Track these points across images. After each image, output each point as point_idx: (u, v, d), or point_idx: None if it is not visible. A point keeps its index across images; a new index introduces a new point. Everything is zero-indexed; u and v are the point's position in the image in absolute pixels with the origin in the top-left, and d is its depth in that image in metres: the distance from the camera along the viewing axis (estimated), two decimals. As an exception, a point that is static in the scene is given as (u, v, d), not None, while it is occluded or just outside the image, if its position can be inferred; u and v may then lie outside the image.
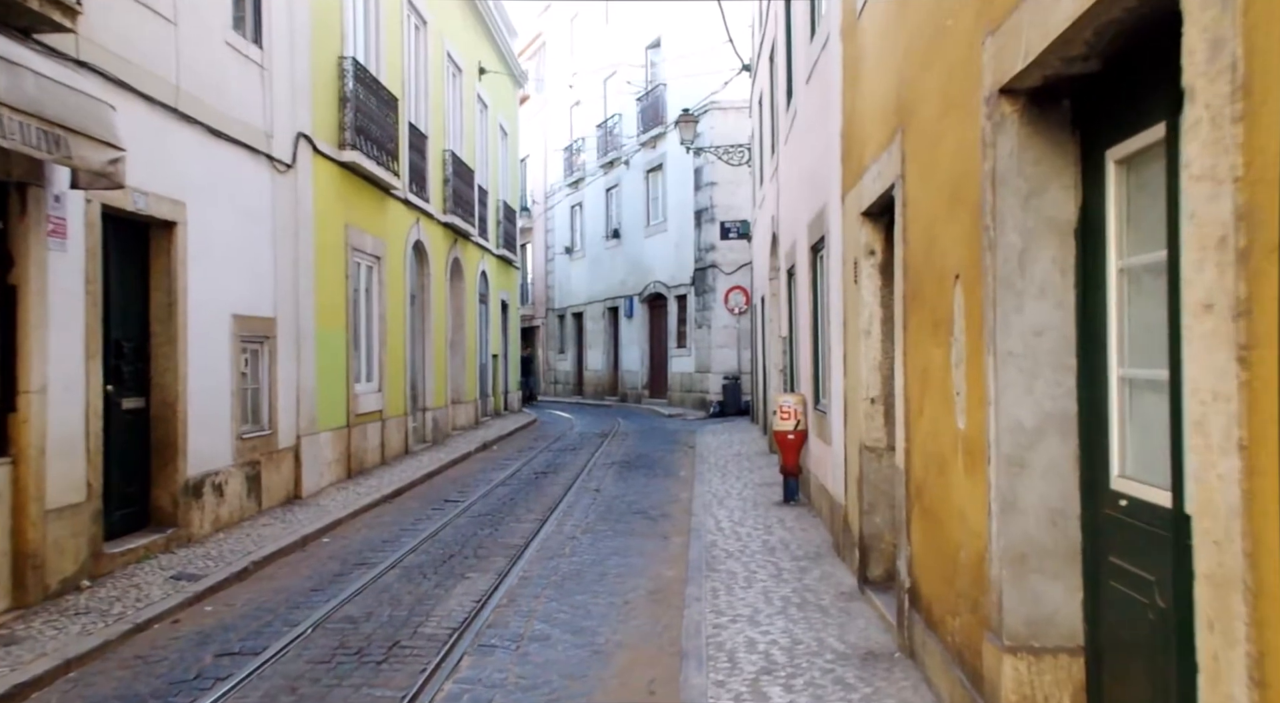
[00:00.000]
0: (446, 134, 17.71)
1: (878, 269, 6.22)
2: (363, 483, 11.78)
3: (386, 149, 13.43)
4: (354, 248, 12.43)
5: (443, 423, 17.09)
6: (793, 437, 9.78)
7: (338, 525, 9.44)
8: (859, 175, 6.30)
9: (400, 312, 14.66)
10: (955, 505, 4.01)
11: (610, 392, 31.20)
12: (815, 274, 9.25)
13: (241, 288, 9.23)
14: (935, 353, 4.32)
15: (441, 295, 17.36)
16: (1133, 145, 2.99)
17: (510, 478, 12.97)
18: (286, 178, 10.25)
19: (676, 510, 10.28)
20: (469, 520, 9.76)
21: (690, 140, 20.21)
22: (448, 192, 17.41)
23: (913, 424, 4.80)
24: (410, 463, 13.80)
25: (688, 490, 11.59)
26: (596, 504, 10.70)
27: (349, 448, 12.07)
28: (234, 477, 8.95)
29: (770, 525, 8.88)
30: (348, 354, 12.11)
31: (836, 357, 7.49)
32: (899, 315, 5.05)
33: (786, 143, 11.94)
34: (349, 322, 12.18)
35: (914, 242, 4.74)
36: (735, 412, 22.68)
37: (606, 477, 12.99)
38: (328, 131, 11.54)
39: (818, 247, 8.95)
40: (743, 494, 10.81)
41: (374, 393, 13.25)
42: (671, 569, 7.53)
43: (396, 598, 6.74)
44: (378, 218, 13.49)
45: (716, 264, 23.91)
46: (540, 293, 37.37)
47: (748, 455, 14.57)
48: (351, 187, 12.38)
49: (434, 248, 16.69)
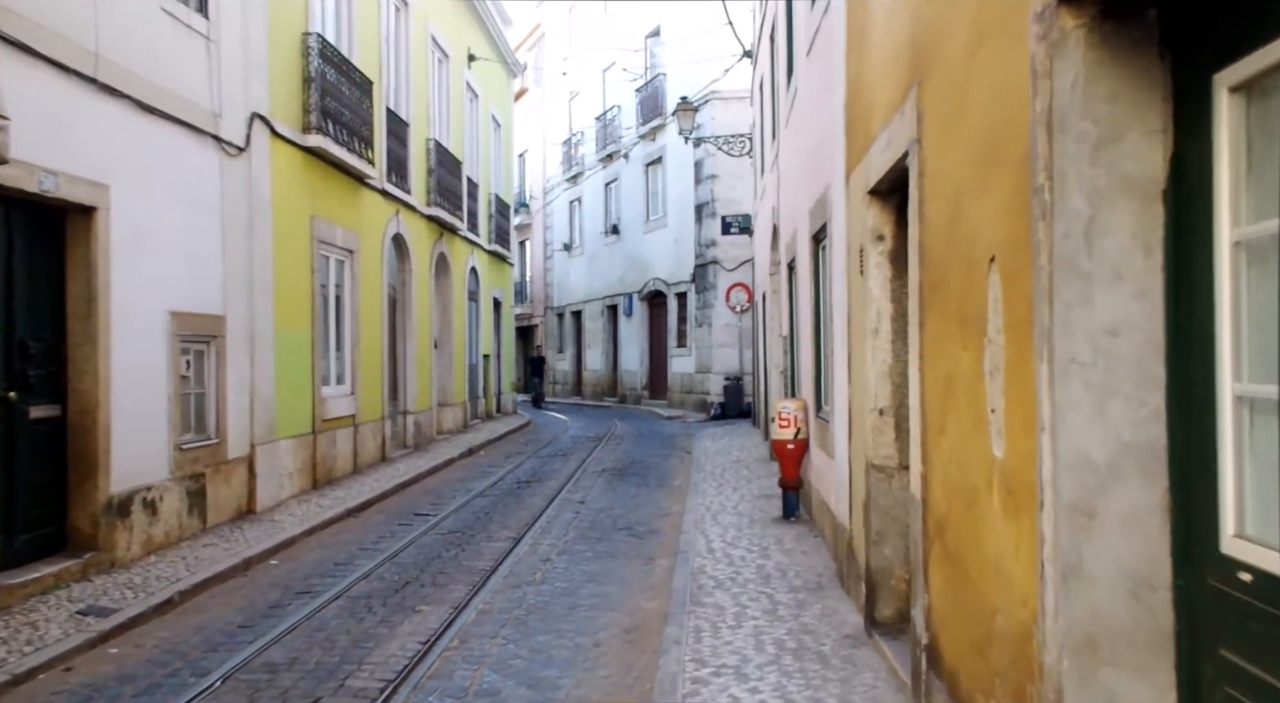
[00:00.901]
0: (431, 122, 16.82)
1: (888, 257, 5.30)
2: (329, 495, 10.90)
3: (360, 135, 12.55)
4: (321, 240, 11.54)
5: (426, 427, 16.21)
6: (792, 447, 8.86)
7: (290, 545, 8.56)
8: (865, 148, 5.38)
9: (377, 309, 13.77)
10: (989, 555, 3.10)
11: (609, 392, 30.30)
12: (817, 266, 8.34)
13: (183, 282, 8.35)
14: (962, 358, 3.41)
15: (425, 292, 16.48)
16: (1256, 64, 2.08)
17: (491, 488, 12.07)
18: (238, 162, 9.36)
19: (666, 526, 9.38)
20: (436, 539, 8.87)
21: (689, 130, 19.29)
22: (431, 183, 16.52)
23: (932, 444, 3.89)
24: (386, 471, 12.92)
25: (680, 503, 10.68)
26: (579, 519, 9.80)
27: (314, 456, 11.19)
28: (171, 492, 8.07)
29: (766, 547, 7.97)
30: (313, 355, 11.22)
31: (840, 359, 6.58)
32: (914, 311, 4.14)
33: (787, 126, 11.03)
34: (315, 320, 11.30)
35: (933, 219, 3.83)
36: (736, 414, 21.76)
37: (594, 487, 12.09)
38: (289, 114, 10.65)
39: (819, 236, 8.03)
40: (738, 508, 9.90)
41: (345, 396, 12.37)
42: (652, 600, 6.62)
43: (331, 639, 5.85)
44: (350, 209, 12.61)
45: (718, 260, 22.99)
46: (539, 291, 36.50)
47: (747, 463, 13.66)
48: (318, 174, 11.49)
49: (416, 242, 15.81)
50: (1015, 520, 2.81)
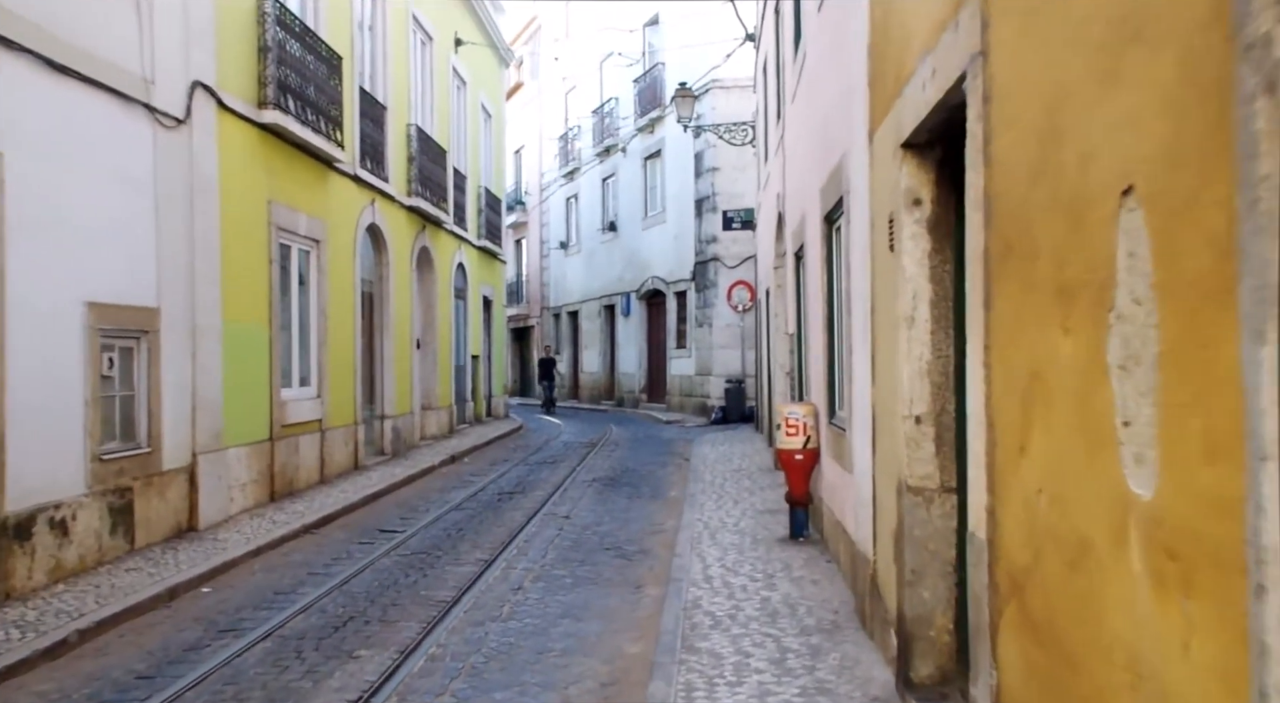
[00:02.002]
0: (412, 108, 15.79)
1: (926, 226, 4.25)
2: (287, 508, 9.84)
3: (327, 115, 11.51)
4: (281, 228, 10.50)
5: (406, 432, 15.16)
6: (801, 457, 7.80)
7: (229, 568, 7.51)
8: (897, 92, 4.33)
9: (349, 305, 12.73)
10: (1117, 642, 2.04)
11: (606, 395, 29.25)
12: (830, 251, 7.28)
13: (105, 269, 7.31)
14: (1061, 345, 2.36)
15: (406, 288, 15.43)
16: None
17: (469, 500, 11.02)
18: (176, 136, 8.32)
19: (658, 546, 8.33)
20: (397, 561, 7.82)
21: (689, 117, 18.24)
22: (413, 171, 15.48)
23: (1005, 467, 2.84)
24: (357, 481, 11.86)
25: (675, 518, 9.63)
26: (562, 537, 8.75)
27: (272, 465, 10.14)
28: (87, 509, 7.02)
29: (772, 574, 6.91)
30: (272, 354, 10.18)
31: (860, 356, 5.52)
32: (976, 287, 3.08)
33: (793, 101, 9.98)
34: (274, 315, 10.25)
35: (1008, 157, 2.78)
36: (738, 418, 20.69)
37: (583, 499, 11.04)
38: (241, 86, 9.61)
39: (833, 215, 6.98)
40: (740, 526, 8.84)
41: (310, 399, 11.32)
42: (637, 643, 5.57)
43: (242, 696, 4.80)
44: (316, 195, 11.56)
45: (718, 257, 21.94)
46: (535, 291, 35.46)
47: (749, 472, 12.59)
48: (278, 155, 10.45)
49: (395, 234, 14.76)
50: (1182, 601, 1.75)
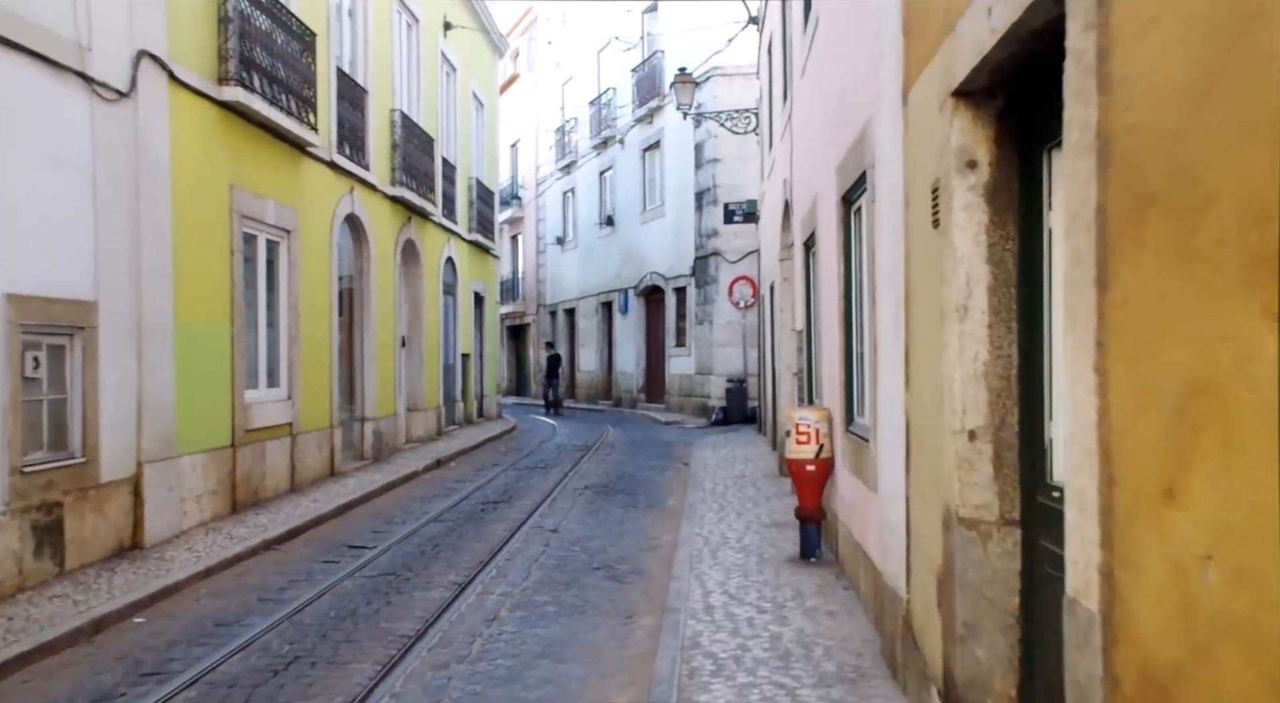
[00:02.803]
0: (397, 92, 14.94)
1: (984, 194, 3.42)
2: (249, 520, 9.01)
3: (299, 95, 10.67)
4: (245, 216, 9.66)
5: (389, 435, 14.32)
6: (813, 468, 6.97)
7: (172, 593, 6.69)
8: (946, 31, 3.50)
9: (325, 300, 11.89)
10: None
11: (604, 395, 28.42)
12: (847, 236, 6.45)
13: (29, 258, 6.47)
14: (1261, 342, 1.52)
15: (389, 283, 14.59)
16: None
17: (450, 510, 10.18)
18: (119, 110, 7.48)
19: (653, 566, 7.51)
20: (361, 585, 6.99)
21: (689, 104, 17.40)
22: (396, 159, 14.64)
23: (1137, 516, 2.00)
24: (331, 488, 11.03)
25: (673, 531, 8.80)
26: (547, 555, 7.92)
27: (234, 473, 9.30)
28: (4, 529, 6.19)
29: (782, 604, 6.07)
30: (234, 352, 9.34)
31: (890, 355, 4.69)
32: (1081, 262, 2.24)
33: (803, 77, 9.14)
34: (236, 310, 9.41)
35: (1151, 71, 1.94)
36: (740, 419, 19.86)
37: (573, 509, 10.21)
38: (199, 59, 8.77)
39: (852, 194, 6.14)
40: (744, 542, 8.01)
41: (279, 401, 10.48)
42: (626, 691, 4.74)
43: (145, 767, 3.97)
44: (286, 181, 10.73)
45: (719, 252, 21.10)
46: (531, 288, 34.63)
47: (753, 479, 11.76)
48: (242, 137, 9.61)
49: (377, 225, 13.92)
50: None
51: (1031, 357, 3.31)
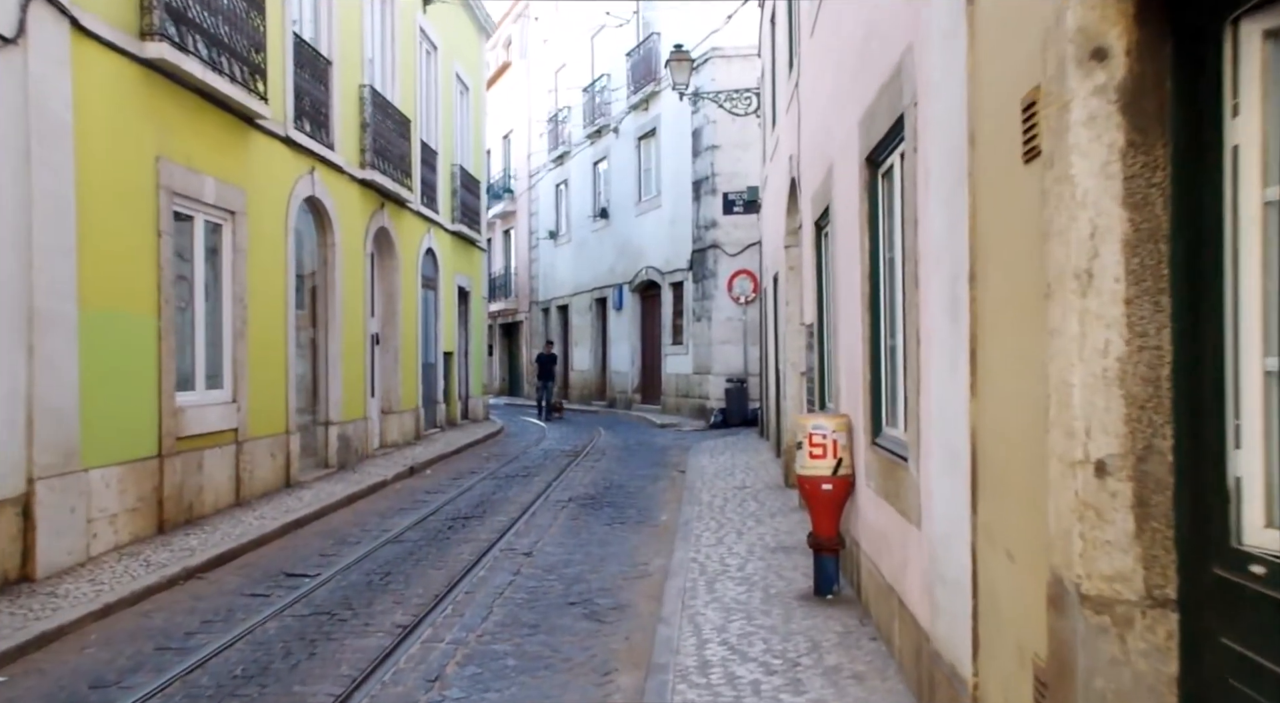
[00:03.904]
0: (367, 66, 13.75)
1: (1119, 101, 2.23)
2: (176, 543, 7.82)
3: (244, 59, 9.47)
4: (176, 193, 8.47)
5: (358, 440, 13.13)
6: (830, 487, 5.78)
7: (53, 640, 5.50)
8: None
9: (279, 291, 10.70)
10: None
11: (598, 395, 27.24)
12: (874, 204, 5.25)
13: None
14: None
15: (358, 274, 13.39)
16: None
17: (413, 527, 9.00)
18: (3, 60, 6.29)
19: (640, 599, 6.33)
20: (286, 627, 5.80)
21: (684, 84, 16.20)
22: (367, 140, 13.44)
23: None
24: (284, 502, 9.84)
25: (665, 554, 7.62)
26: (517, 586, 6.74)
27: (161, 488, 8.11)
28: None
29: (796, 660, 4.88)
30: (160, 348, 8.15)
31: (941, 350, 3.51)
32: None
33: (812, 34, 7.95)
34: (164, 300, 8.22)
35: None
36: (740, 422, 18.68)
37: (553, 526, 9.02)
38: (113, 8, 7.58)
39: (881, 152, 4.95)
40: (746, 570, 6.81)
41: (221, 405, 9.29)
42: (593, 797, 3.55)
43: None
44: (230, 157, 9.53)
45: (718, 244, 19.91)
46: (524, 284, 33.42)
47: (755, 491, 10.57)
48: (172, 103, 8.42)
49: (344, 210, 12.73)
50: None
51: (1197, 348, 2.14)
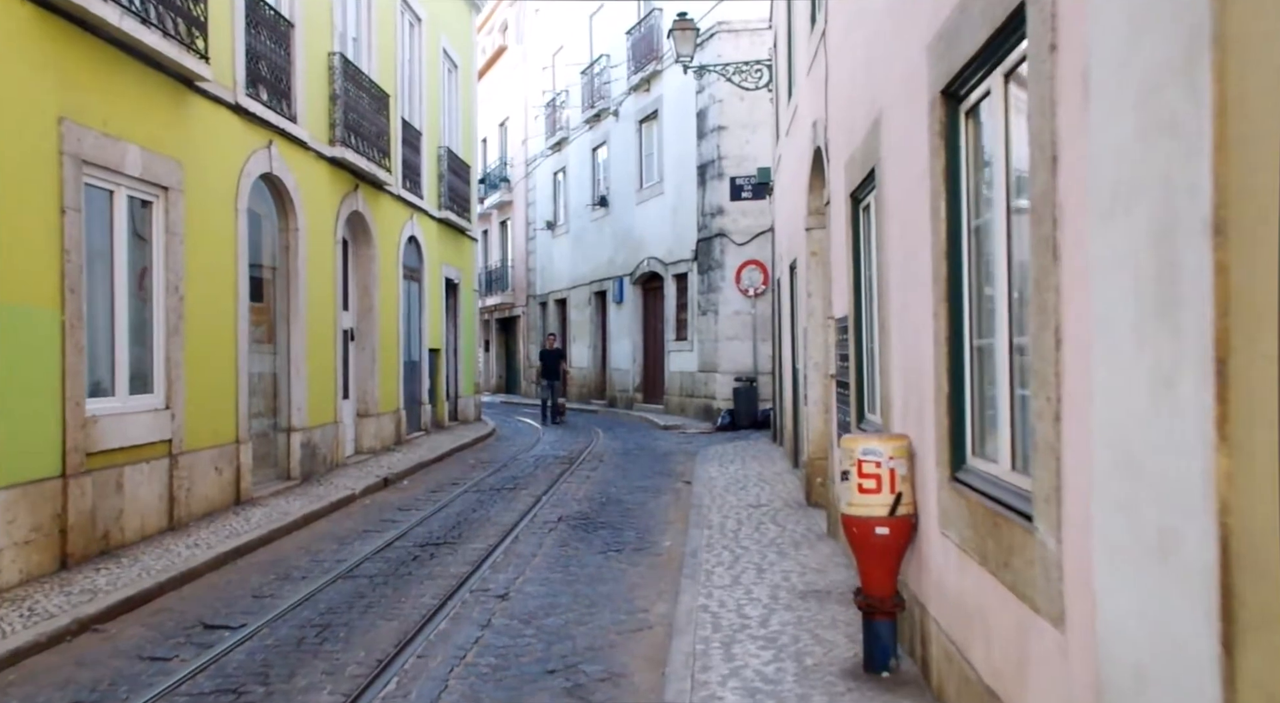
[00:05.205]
0: (337, 31, 12.38)
1: None
2: (79, 582, 6.48)
3: (180, 11, 8.11)
4: (87, 161, 7.11)
5: (326, 448, 11.79)
6: (886, 531, 4.42)
7: None
8: None
9: (227, 280, 9.34)
10: None
11: (597, 394, 25.91)
12: (953, 155, 3.87)
13: None
14: None
15: (326, 263, 12.04)
16: None
17: (374, 557, 7.65)
18: None
19: (637, 667, 4.99)
20: (175, 712, 4.46)
21: (689, 56, 14.83)
22: (337, 113, 12.08)
23: None
24: (229, 524, 8.50)
25: (669, 597, 6.28)
26: (484, 646, 5.39)
27: (65, 514, 6.76)
28: None
29: (853, 783, 3.53)
30: (64, 347, 6.80)
31: (1111, 354, 2.14)
32: None
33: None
34: (70, 289, 6.87)
35: None
36: (749, 424, 17.33)
37: (536, 556, 7.67)
38: (-3, -67, 6.23)
39: (970, 76, 3.56)
40: (771, 627, 5.44)
41: (149, 412, 7.94)
42: None
43: None
44: (161, 124, 8.17)
45: (725, 233, 18.55)
46: (521, 277, 32.06)
47: (773, 509, 9.20)
48: (82, 55, 7.07)
49: (309, 191, 11.37)
50: None
51: None
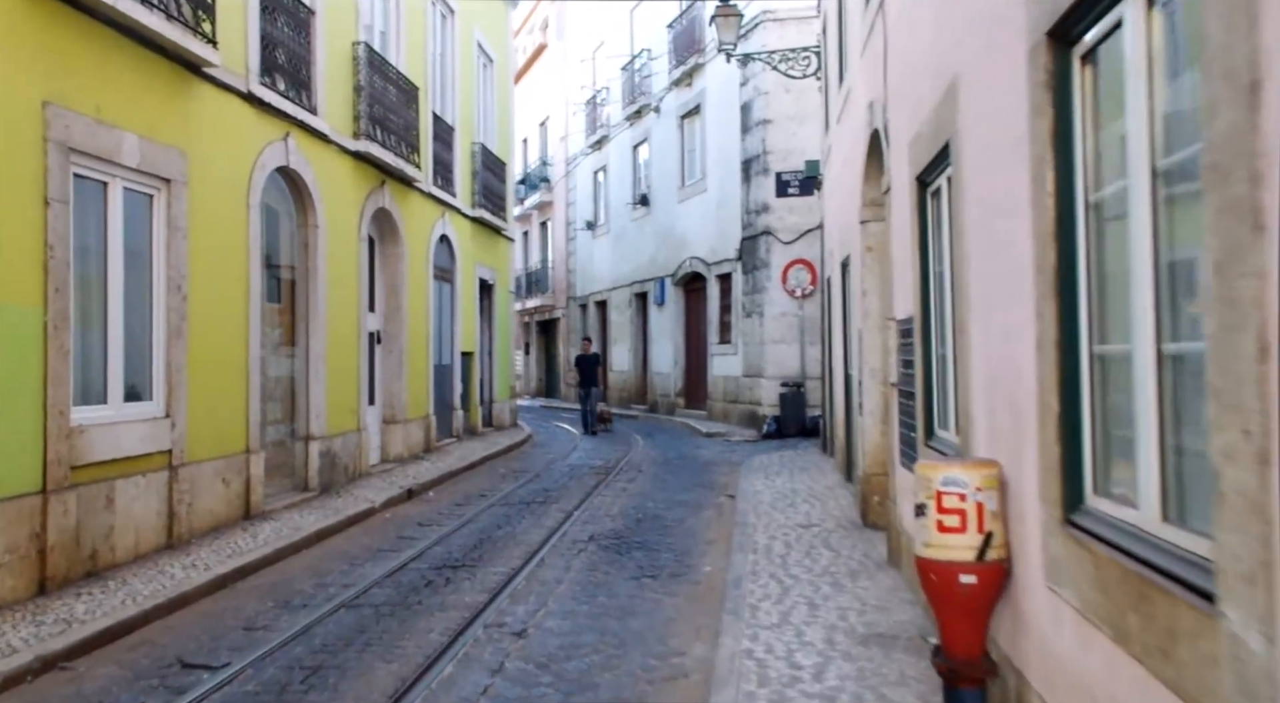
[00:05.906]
0: (361, 20, 11.80)
1: None
2: (54, 610, 5.88)
3: (182, -11, 7.54)
4: (76, 150, 6.53)
5: (348, 457, 11.19)
6: (973, 580, 3.61)
7: None
8: None
9: (238, 279, 8.76)
10: None
11: (638, 399, 25.17)
12: (1069, 108, 3.05)
13: None
14: None
15: (349, 262, 11.45)
16: None
17: (385, 581, 6.98)
18: None
19: (669, 730, 4.22)
20: (123, 783, 3.79)
21: (732, 44, 14.05)
22: (362, 106, 11.50)
23: None
24: (234, 542, 7.90)
25: (708, 637, 5.51)
26: (492, 698, 4.67)
27: (44, 533, 6.18)
28: None
29: None
30: (47, 350, 6.22)
31: None
32: None
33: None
34: (55, 287, 6.29)
35: None
36: (797, 432, 16.47)
37: (562, 582, 6.94)
38: (-33, -104, 5.66)
39: (1085, 12, 2.75)
40: (829, 683, 4.62)
41: (146, 421, 7.35)
42: None
43: None
44: (163, 111, 7.59)
45: (771, 230, 17.71)
46: (560, 279, 31.45)
47: (826, 530, 8.38)
48: (71, 34, 6.50)
49: (329, 186, 10.78)
50: None
51: None
